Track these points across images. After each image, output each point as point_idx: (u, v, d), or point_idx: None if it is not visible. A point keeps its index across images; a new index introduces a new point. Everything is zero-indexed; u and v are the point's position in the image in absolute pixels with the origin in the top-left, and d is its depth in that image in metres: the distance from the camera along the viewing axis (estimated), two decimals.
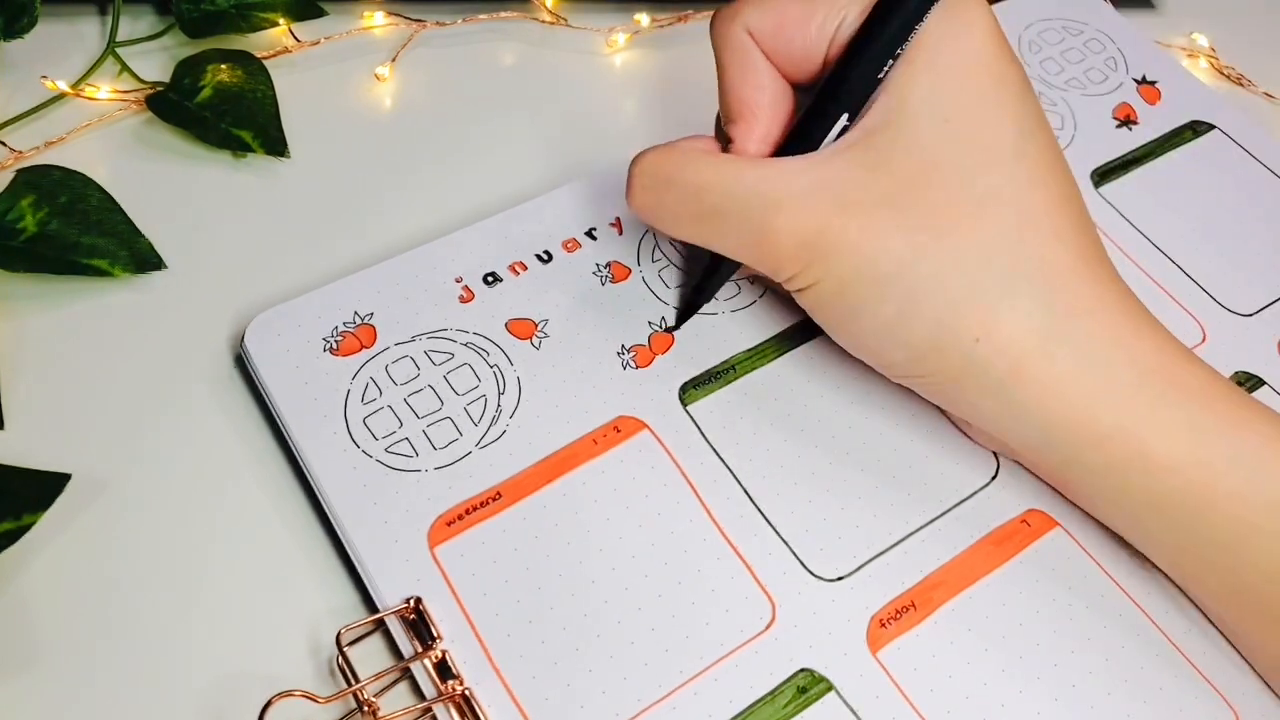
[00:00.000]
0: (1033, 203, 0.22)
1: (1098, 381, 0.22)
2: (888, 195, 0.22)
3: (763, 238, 0.22)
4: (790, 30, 0.23)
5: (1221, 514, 0.22)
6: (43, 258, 0.28)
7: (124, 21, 0.33)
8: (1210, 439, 0.22)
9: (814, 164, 0.22)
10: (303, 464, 0.25)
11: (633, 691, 0.23)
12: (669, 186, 0.23)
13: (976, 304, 0.22)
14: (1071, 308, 0.22)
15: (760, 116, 0.24)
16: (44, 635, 0.23)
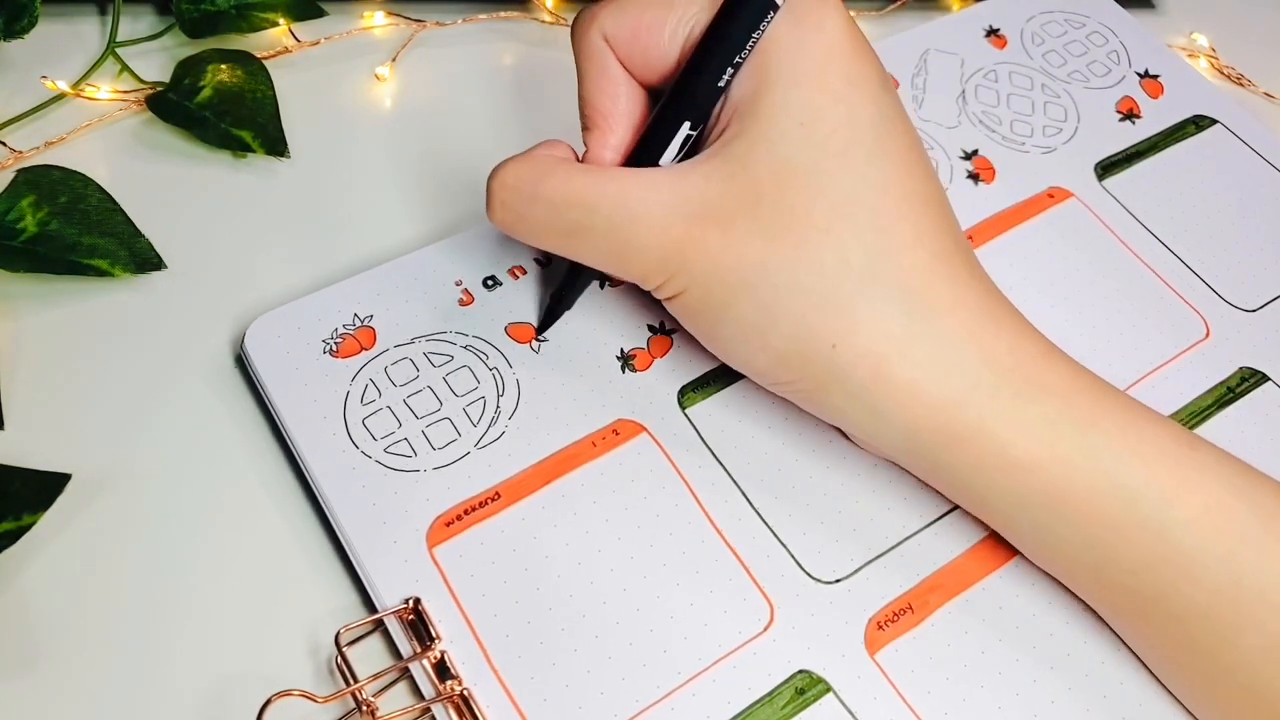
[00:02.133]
0: (889, 205, 0.22)
1: (955, 382, 0.22)
2: (746, 203, 0.22)
3: (625, 252, 0.22)
4: (645, 37, 0.23)
5: (1082, 511, 0.22)
6: (43, 258, 0.28)
7: (124, 22, 0.33)
8: (1067, 435, 0.22)
9: (674, 176, 0.22)
10: (302, 464, 0.25)
11: (631, 692, 0.23)
12: (531, 202, 0.23)
13: (834, 309, 0.22)
14: (928, 309, 0.22)
15: (613, 125, 0.24)
16: (44, 635, 0.23)
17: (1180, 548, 0.21)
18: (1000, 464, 0.22)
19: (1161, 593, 0.22)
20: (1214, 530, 0.21)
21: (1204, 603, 0.21)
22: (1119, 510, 0.21)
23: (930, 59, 0.36)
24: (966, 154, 0.33)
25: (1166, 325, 0.30)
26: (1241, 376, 0.29)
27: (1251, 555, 0.21)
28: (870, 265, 0.22)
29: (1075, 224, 0.32)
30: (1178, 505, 0.21)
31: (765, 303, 0.22)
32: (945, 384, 0.22)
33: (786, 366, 0.23)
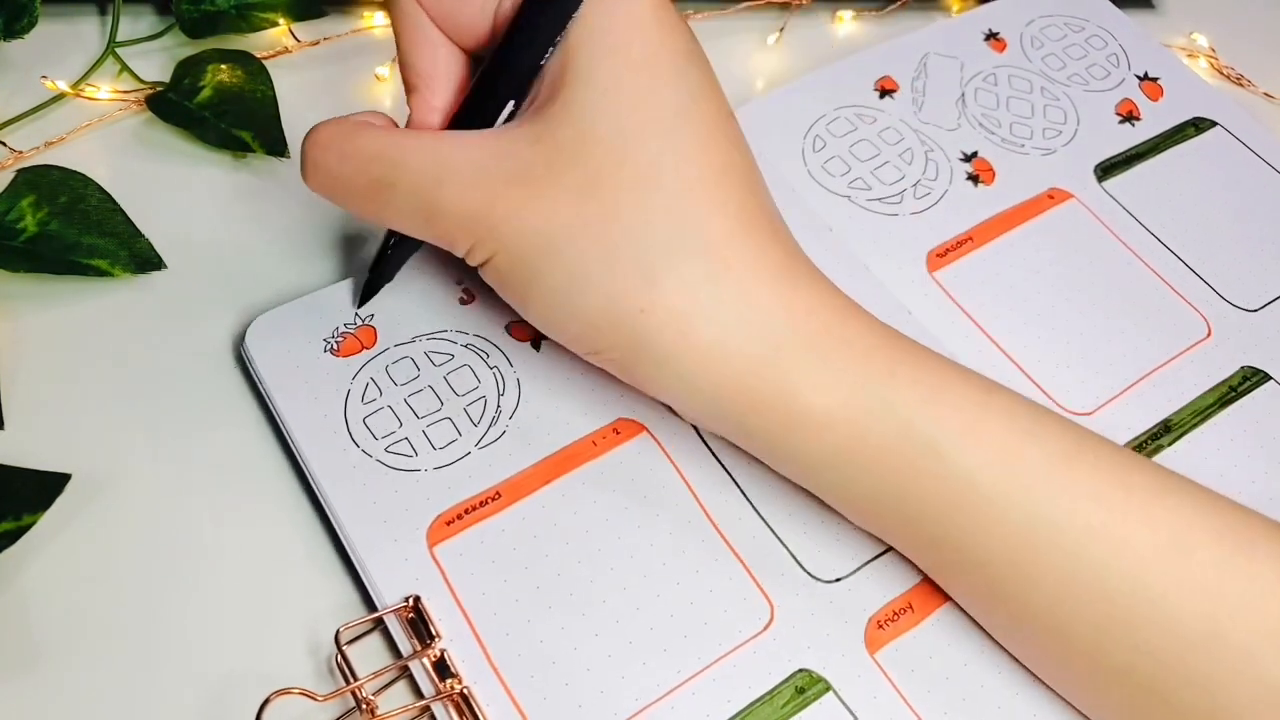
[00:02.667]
0: (693, 172, 0.22)
1: (756, 342, 0.22)
2: (553, 168, 0.22)
3: (432, 212, 0.22)
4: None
5: (885, 463, 0.22)
6: (43, 258, 0.28)
7: (124, 22, 0.33)
8: (866, 389, 0.22)
9: (483, 139, 0.22)
10: (302, 463, 0.25)
11: (631, 691, 0.23)
12: (341, 160, 0.23)
13: (640, 274, 0.22)
14: (730, 272, 0.22)
15: (435, 87, 0.24)
16: (44, 634, 0.23)
17: (979, 492, 0.21)
18: (803, 422, 0.22)
19: (966, 541, 0.22)
20: (1007, 471, 0.21)
21: (1003, 547, 0.22)
22: (919, 459, 0.22)
23: (930, 62, 0.36)
24: (966, 156, 0.34)
25: (1167, 325, 0.30)
26: (1243, 376, 0.29)
27: (1042, 491, 0.21)
28: (674, 230, 0.22)
29: (1075, 225, 0.32)
30: (972, 450, 0.22)
31: (573, 267, 0.22)
32: (747, 345, 0.22)
33: (598, 333, 0.23)
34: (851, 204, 0.32)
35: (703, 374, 0.22)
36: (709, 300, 0.22)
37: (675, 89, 0.22)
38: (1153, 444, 0.28)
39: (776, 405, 0.22)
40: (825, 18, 0.39)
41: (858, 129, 0.34)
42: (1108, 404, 0.29)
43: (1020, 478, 0.21)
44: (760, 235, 0.23)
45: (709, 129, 0.23)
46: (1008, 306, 0.30)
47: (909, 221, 0.32)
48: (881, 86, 0.35)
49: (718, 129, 0.23)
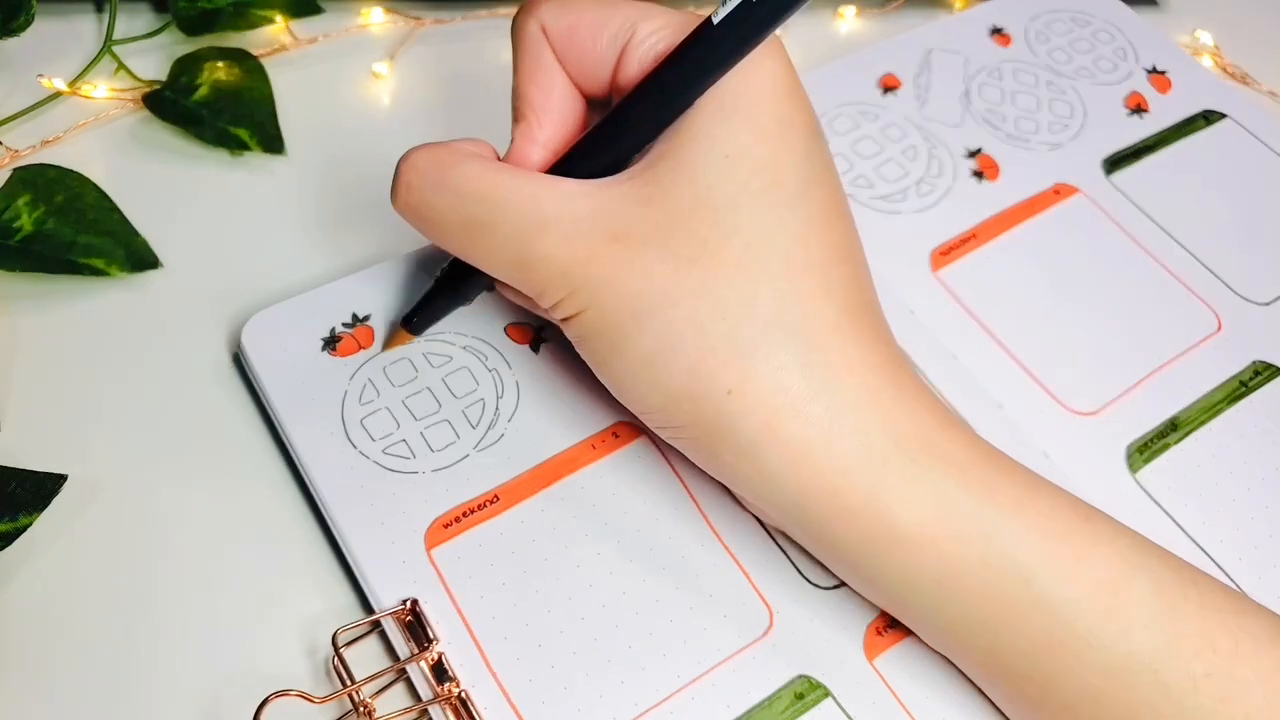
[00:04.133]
0: (804, 252, 0.21)
1: (848, 446, 0.21)
2: (659, 229, 0.21)
3: (528, 257, 0.21)
4: (583, 36, 0.22)
5: (974, 590, 0.21)
6: (39, 257, 0.28)
7: (121, 19, 0.33)
8: (961, 508, 0.20)
9: (590, 190, 0.21)
10: (299, 464, 0.25)
11: (629, 696, 0.23)
12: (437, 191, 0.22)
13: (733, 353, 0.20)
14: (828, 366, 0.21)
15: (543, 120, 0.23)
16: (42, 635, 0.23)
17: (1073, 628, 0.20)
18: (890, 538, 0.21)
19: (1054, 677, 0.20)
20: (1108, 608, 0.20)
21: (1096, 687, 0.20)
22: (1011, 589, 0.20)
23: (934, 58, 0.35)
24: (970, 152, 0.33)
25: (1177, 319, 0.30)
26: (1255, 370, 0.29)
27: (1146, 634, 0.20)
28: (775, 312, 0.21)
29: (1082, 220, 0.32)
30: (1071, 582, 0.20)
31: (664, 335, 0.21)
32: (838, 447, 0.20)
33: (678, 409, 0.21)
34: (854, 202, 0.32)
35: (788, 470, 0.21)
36: (803, 391, 0.20)
37: (799, 166, 0.21)
38: (1159, 442, 0.28)
39: (864, 516, 0.21)
40: (827, 15, 0.38)
41: (860, 126, 0.33)
42: (1113, 402, 0.28)
43: (1121, 612, 0.20)
44: (865, 330, 0.21)
45: (827, 213, 0.22)
46: (1012, 305, 0.30)
47: (912, 219, 0.31)
48: (884, 83, 0.34)
49: (836, 215, 0.22)
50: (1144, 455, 0.27)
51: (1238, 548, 0.26)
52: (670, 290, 0.21)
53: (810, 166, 0.21)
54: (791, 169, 0.21)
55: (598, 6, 0.22)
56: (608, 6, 0.22)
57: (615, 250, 0.21)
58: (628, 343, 0.21)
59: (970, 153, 0.33)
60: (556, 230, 0.21)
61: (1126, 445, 0.28)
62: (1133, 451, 0.28)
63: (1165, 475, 0.27)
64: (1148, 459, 0.27)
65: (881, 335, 0.22)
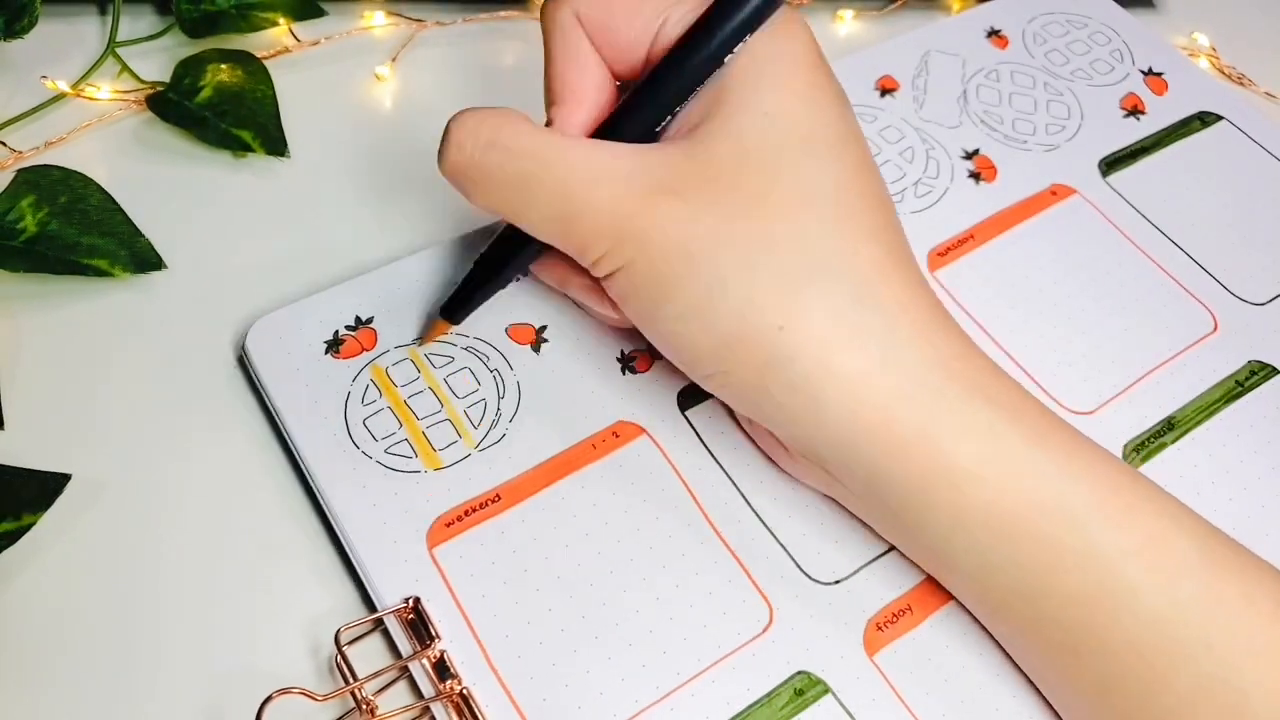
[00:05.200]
0: (849, 199, 0.22)
1: (902, 380, 0.21)
2: (704, 180, 0.21)
3: (575, 214, 0.22)
4: (618, 20, 0.23)
5: (1024, 531, 0.21)
6: (43, 258, 0.28)
7: (124, 21, 0.33)
8: (1015, 449, 0.21)
9: (634, 151, 0.22)
10: (302, 464, 0.25)
11: (630, 693, 0.23)
12: (489, 149, 0.22)
13: (784, 290, 0.21)
14: (880, 303, 0.21)
15: (583, 101, 0.23)
16: (44, 635, 0.23)
17: (1122, 578, 0.20)
18: (942, 474, 0.21)
19: (1098, 626, 0.21)
20: (1155, 560, 0.20)
21: (1138, 635, 0.20)
22: (1063, 533, 0.20)
23: (931, 60, 0.36)
24: (968, 153, 0.33)
25: (1173, 320, 0.30)
26: (1251, 370, 0.29)
27: (1190, 589, 0.20)
28: (824, 252, 0.21)
29: (1079, 221, 0.32)
30: (1120, 532, 0.20)
31: (714, 278, 0.21)
32: (892, 380, 0.21)
33: (730, 351, 0.22)
34: None
35: (839, 404, 0.21)
36: (854, 326, 0.21)
37: (834, 124, 0.22)
38: (1155, 442, 0.28)
39: (916, 451, 0.21)
40: (826, 17, 0.38)
41: None
42: (1110, 402, 0.28)
43: (1169, 568, 0.20)
44: (908, 273, 0.22)
45: (864, 162, 0.23)
46: (1009, 305, 0.30)
47: (910, 220, 0.32)
48: (882, 85, 0.35)
49: (870, 165, 0.23)
50: (1141, 454, 0.28)
51: None
52: (720, 235, 0.21)
53: (843, 126, 0.22)
54: (826, 126, 0.22)
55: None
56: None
57: (664, 201, 0.21)
58: (677, 290, 0.22)
59: (968, 154, 0.33)
60: (603, 183, 0.22)
61: (1123, 444, 0.28)
62: (1129, 451, 0.28)
63: (1162, 474, 0.27)
64: (1145, 458, 0.28)
65: (922, 280, 0.23)
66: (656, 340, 0.23)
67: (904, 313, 0.21)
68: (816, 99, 0.22)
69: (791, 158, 0.22)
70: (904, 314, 0.21)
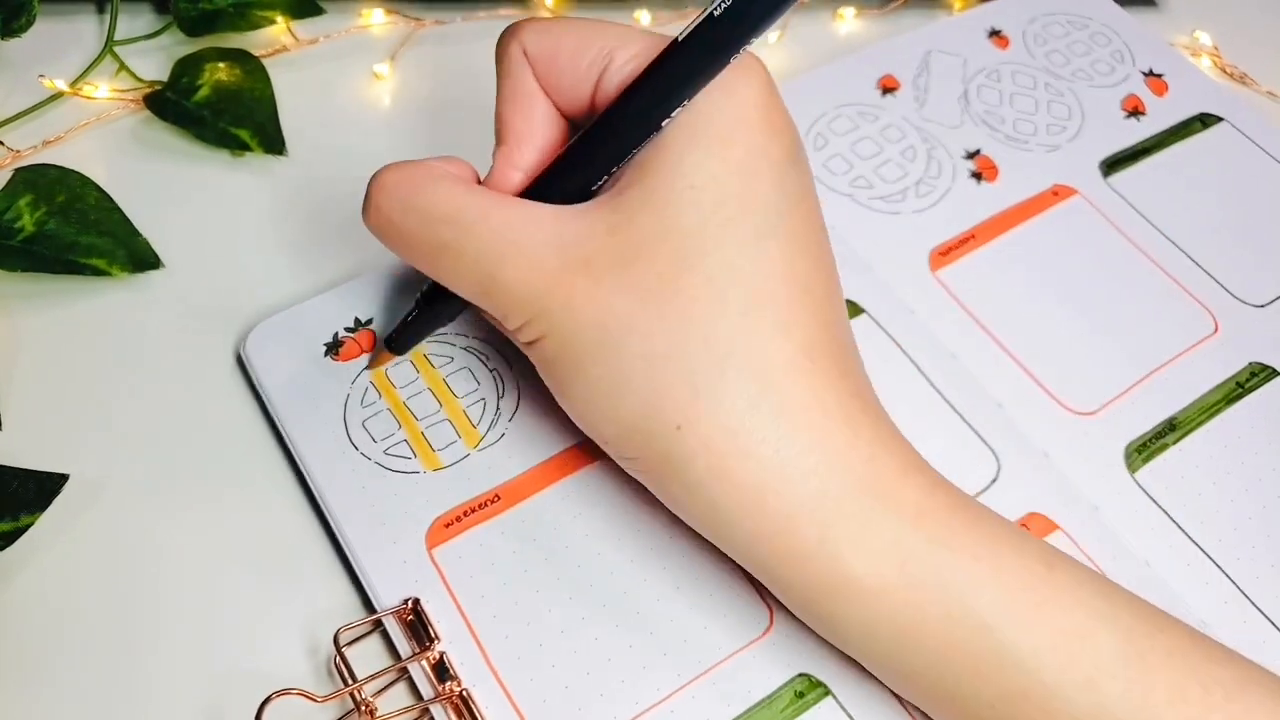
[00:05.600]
0: (764, 288, 0.20)
1: (799, 491, 0.20)
2: (621, 259, 0.20)
3: (491, 282, 0.21)
4: (562, 60, 0.22)
5: (935, 640, 0.20)
6: (40, 257, 0.28)
7: (122, 20, 0.33)
8: (918, 557, 0.20)
9: (557, 217, 0.21)
10: (301, 465, 0.25)
11: (630, 694, 0.23)
12: (405, 212, 0.21)
13: (685, 388, 0.20)
14: (782, 407, 0.20)
15: (523, 143, 0.23)
16: (43, 635, 0.23)
17: (1038, 678, 0.19)
18: (844, 586, 0.20)
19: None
20: (1074, 659, 0.19)
21: None
22: (974, 640, 0.20)
23: (932, 60, 0.36)
24: (969, 154, 0.33)
25: (1174, 321, 0.30)
26: (1251, 372, 0.29)
27: (1115, 685, 0.19)
28: (730, 349, 0.20)
29: (1080, 221, 0.32)
30: (1033, 632, 0.20)
31: (619, 367, 0.20)
32: (788, 492, 0.20)
33: (631, 441, 0.21)
34: (853, 203, 0.32)
35: (737, 511, 0.20)
36: (753, 432, 0.20)
37: (768, 196, 0.21)
38: (1157, 443, 0.28)
39: (816, 563, 0.20)
40: (826, 16, 0.38)
41: (859, 127, 0.34)
42: (1112, 402, 0.28)
43: (1086, 662, 0.19)
44: (825, 368, 0.21)
45: (795, 246, 0.21)
46: (1011, 305, 0.30)
47: (911, 220, 0.32)
48: (883, 84, 0.35)
49: (805, 246, 0.21)
50: (1142, 455, 0.28)
51: (1235, 548, 0.26)
52: (628, 321, 0.20)
53: (781, 197, 0.21)
54: (761, 200, 0.21)
55: (579, 31, 0.22)
56: (588, 31, 0.22)
57: (576, 279, 0.20)
58: (584, 372, 0.21)
59: (969, 154, 0.33)
60: (520, 257, 0.21)
61: (1125, 445, 0.28)
62: (1131, 451, 0.28)
63: (1163, 475, 0.27)
64: (1146, 459, 0.28)
65: (846, 372, 0.21)
66: (571, 416, 0.23)
67: (806, 416, 0.20)
68: (754, 167, 0.21)
69: (713, 239, 0.20)
70: (806, 417, 0.20)
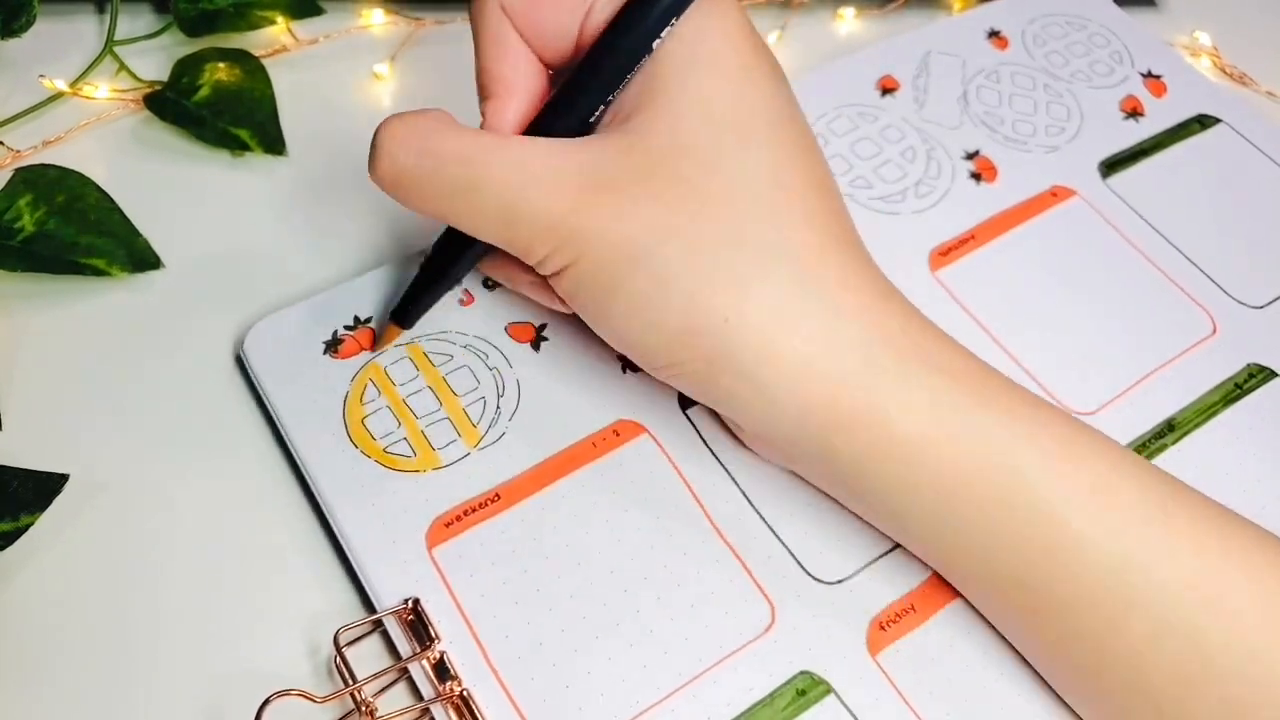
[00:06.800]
0: (785, 184, 0.22)
1: (846, 358, 0.21)
2: (642, 175, 0.21)
3: (514, 214, 0.21)
4: (543, 8, 0.23)
5: (972, 492, 0.21)
6: (40, 257, 0.28)
7: (122, 20, 0.33)
8: (957, 413, 0.21)
9: (568, 147, 0.22)
10: (301, 464, 0.25)
11: (631, 693, 0.23)
12: (419, 157, 0.22)
13: (727, 282, 0.21)
14: (821, 285, 0.22)
15: (514, 94, 0.23)
16: (43, 635, 0.23)
17: (1068, 527, 0.21)
18: (889, 445, 0.21)
19: (1050, 579, 0.21)
20: (1101, 509, 0.21)
21: (1091, 585, 0.21)
22: (1008, 490, 0.21)
23: (932, 60, 0.36)
24: (968, 154, 0.33)
25: (1172, 322, 0.30)
26: (1249, 373, 0.29)
27: (1137, 534, 0.21)
28: (764, 240, 0.21)
29: (1079, 222, 0.32)
30: (1065, 484, 0.21)
31: (658, 274, 0.21)
32: (836, 360, 0.21)
33: (680, 344, 0.22)
34: (853, 203, 0.32)
35: (788, 388, 0.21)
36: (798, 311, 0.21)
37: (766, 104, 0.22)
38: (1155, 443, 0.28)
39: (864, 424, 0.21)
40: (826, 16, 0.38)
41: (859, 127, 0.34)
42: (1110, 403, 0.28)
43: (1115, 514, 0.21)
44: (850, 251, 0.23)
45: (798, 145, 0.23)
46: (1010, 305, 0.30)
47: (911, 220, 0.32)
48: (883, 85, 0.35)
49: (806, 146, 0.23)
50: (1142, 455, 0.28)
51: None
52: (660, 229, 0.21)
53: (778, 106, 0.22)
54: (761, 108, 0.22)
55: None
56: None
57: (601, 198, 0.21)
58: (622, 286, 0.22)
59: (968, 154, 0.33)
60: (541, 184, 0.21)
61: (1124, 445, 0.28)
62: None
63: None
64: (1146, 459, 0.28)
65: (864, 258, 0.23)
66: (607, 336, 0.23)
67: (845, 292, 0.22)
68: (750, 80, 0.22)
69: (727, 147, 0.22)
70: (845, 293, 0.22)
